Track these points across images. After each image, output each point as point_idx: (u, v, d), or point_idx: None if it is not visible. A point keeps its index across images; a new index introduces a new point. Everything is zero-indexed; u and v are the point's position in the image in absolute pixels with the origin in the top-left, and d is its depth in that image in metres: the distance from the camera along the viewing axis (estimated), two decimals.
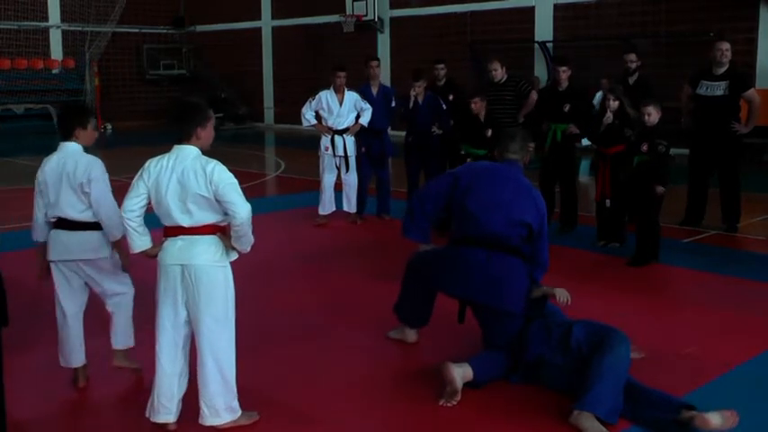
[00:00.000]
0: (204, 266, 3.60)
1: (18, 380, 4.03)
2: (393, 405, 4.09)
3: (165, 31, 24.05)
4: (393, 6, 19.29)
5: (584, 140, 8.21)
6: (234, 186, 3.56)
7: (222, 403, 3.70)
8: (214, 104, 17.80)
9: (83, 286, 4.24)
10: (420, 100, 8.53)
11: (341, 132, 8.47)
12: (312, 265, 7.02)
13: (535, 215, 4.30)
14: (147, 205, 3.68)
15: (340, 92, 8.44)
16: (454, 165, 8.00)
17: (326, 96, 8.46)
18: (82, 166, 4.02)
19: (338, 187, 8.66)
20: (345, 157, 8.52)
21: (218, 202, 3.56)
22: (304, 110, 8.50)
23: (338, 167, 8.60)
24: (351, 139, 8.53)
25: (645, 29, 15.11)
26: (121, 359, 4.37)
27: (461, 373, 4.01)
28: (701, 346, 4.84)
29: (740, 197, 8.05)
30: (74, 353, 4.25)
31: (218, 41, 23.60)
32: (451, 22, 18.11)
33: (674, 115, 8.44)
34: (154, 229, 3.74)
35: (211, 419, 3.71)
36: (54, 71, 21.63)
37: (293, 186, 11.68)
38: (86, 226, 4.06)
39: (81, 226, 4.06)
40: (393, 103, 8.91)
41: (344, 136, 8.47)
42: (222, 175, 3.55)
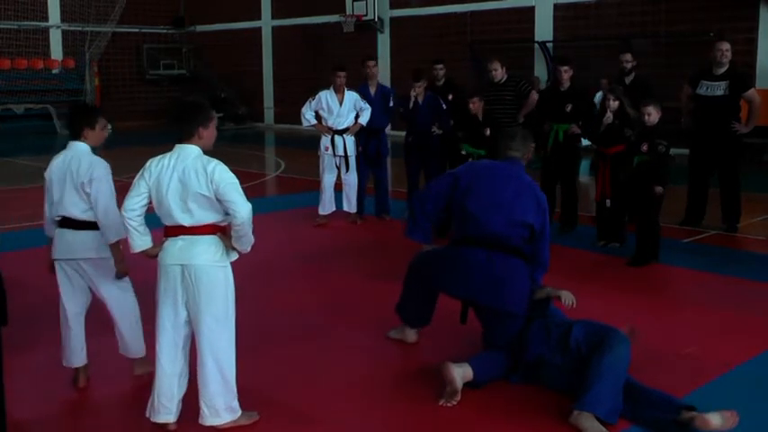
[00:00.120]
0: (204, 266, 3.60)
1: (18, 380, 4.03)
2: (393, 405, 4.09)
3: (165, 31, 24.05)
4: (393, 6, 19.30)
5: (584, 140, 8.20)
6: (235, 186, 3.56)
7: (222, 403, 3.70)
8: (214, 104, 17.79)
9: (85, 287, 4.23)
10: (420, 100, 8.53)
11: (341, 132, 8.47)
12: (312, 265, 7.02)
13: (537, 214, 4.29)
14: (148, 205, 3.68)
15: (340, 92, 8.43)
16: (455, 165, 8.00)
17: (326, 96, 8.45)
18: (85, 165, 4.03)
19: (338, 187, 8.66)
20: (345, 156, 8.52)
21: (219, 201, 3.56)
22: (304, 110, 8.49)
23: (338, 167, 8.60)
24: (351, 139, 8.52)
25: (644, 29, 15.11)
26: (139, 367, 4.34)
27: (461, 373, 4.01)
28: (701, 346, 4.84)
29: (740, 197, 8.05)
30: (75, 353, 4.25)
31: (218, 41, 23.60)
32: (451, 22, 18.11)
33: (674, 115, 8.44)
34: (154, 229, 3.74)
35: (211, 419, 3.71)
36: (54, 71, 21.63)
37: (293, 186, 11.68)
38: (90, 225, 4.06)
39: (85, 225, 4.06)
40: (391, 103, 8.91)
41: (344, 136, 8.47)
42: (223, 175, 3.55)
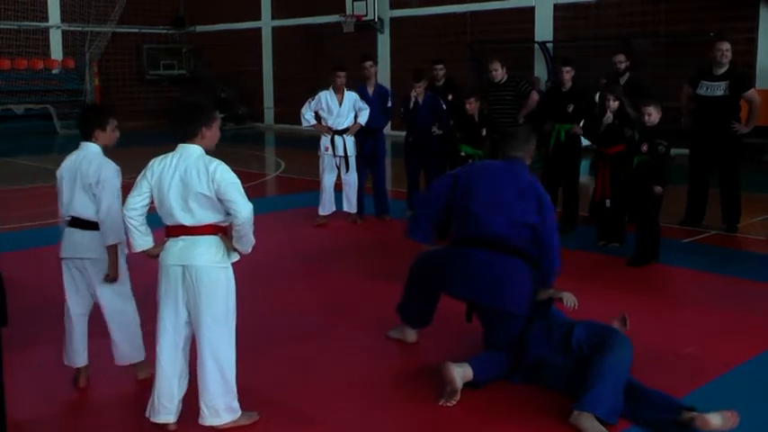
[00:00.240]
0: (205, 267, 3.60)
1: (18, 380, 4.03)
2: (393, 405, 4.09)
3: (165, 31, 24.05)
4: (393, 6, 19.29)
5: (584, 140, 8.20)
6: (236, 186, 3.56)
7: (222, 403, 3.70)
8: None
9: (87, 289, 4.23)
10: (420, 100, 8.54)
11: (341, 132, 8.46)
12: (312, 265, 7.02)
13: (538, 214, 4.23)
14: (150, 204, 3.68)
15: (340, 92, 8.42)
16: (454, 166, 8.00)
17: (326, 97, 8.44)
18: (94, 167, 4.04)
19: (338, 187, 8.66)
20: (345, 157, 8.51)
21: (220, 201, 3.56)
22: (303, 110, 8.48)
23: (338, 167, 8.59)
24: (351, 140, 8.51)
25: (645, 29, 15.11)
26: (141, 371, 4.31)
27: (461, 373, 4.00)
28: (701, 346, 4.84)
29: (740, 197, 8.05)
30: (77, 353, 4.25)
31: (218, 41, 23.60)
32: (451, 22, 18.11)
33: (674, 115, 8.43)
34: (156, 229, 3.74)
35: (211, 419, 3.71)
36: (54, 71, 21.64)
37: (293, 186, 11.67)
38: (98, 226, 4.07)
39: (93, 225, 4.07)
40: (389, 103, 8.90)
41: (344, 136, 8.46)
42: (224, 175, 3.55)
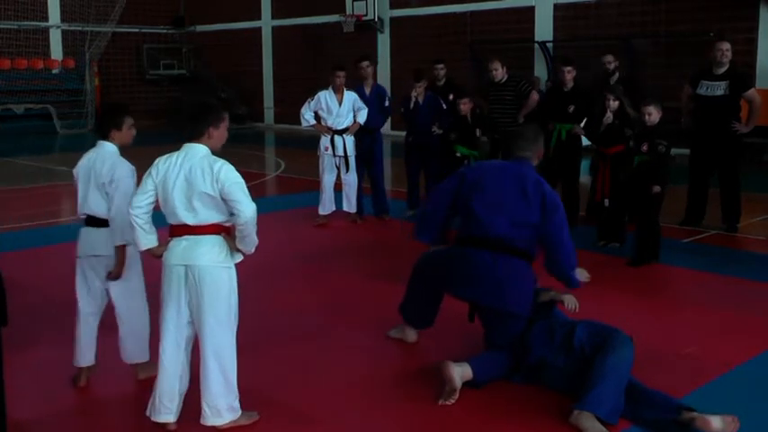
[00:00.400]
0: (208, 267, 3.60)
1: (18, 379, 4.04)
2: (393, 405, 4.09)
3: (165, 31, 24.05)
4: (393, 6, 19.29)
5: (584, 140, 8.20)
6: (240, 186, 3.56)
7: (224, 403, 3.70)
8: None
9: (100, 289, 4.24)
10: (420, 100, 8.54)
11: (340, 132, 8.45)
12: (312, 265, 7.02)
13: (542, 213, 4.20)
14: (155, 203, 3.69)
15: (339, 92, 8.41)
16: (451, 167, 8.01)
17: (326, 96, 8.43)
18: (108, 166, 4.05)
19: (338, 187, 8.65)
20: (345, 157, 8.50)
21: (224, 201, 3.56)
22: (303, 110, 8.47)
23: (338, 167, 8.59)
24: (350, 139, 8.50)
25: (644, 29, 15.11)
26: (143, 371, 4.31)
27: (460, 373, 4.00)
28: (701, 346, 4.84)
29: (740, 197, 8.05)
30: (82, 352, 4.26)
31: (218, 41, 23.60)
32: (451, 22, 18.11)
33: (675, 115, 8.43)
34: (161, 228, 3.74)
35: (213, 419, 3.71)
36: (54, 71, 21.63)
37: (293, 186, 11.67)
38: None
39: (107, 223, 4.08)
40: (386, 103, 8.90)
41: (344, 136, 8.45)
42: (229, 174, 3.55)
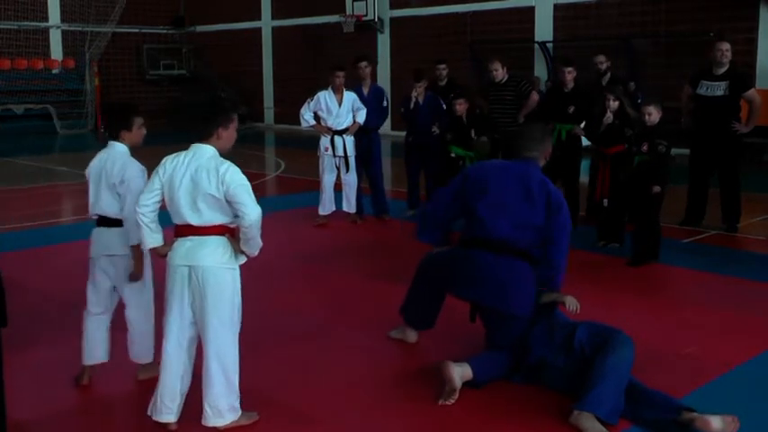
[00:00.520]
0: (211, 268, 3.60)
1: (18, 380, 4.03)
2: (393, 405, 4.09)
3: (165, 31, 24.06)
4: (393, 6, 19.30)
5: (584, 140, 8.19)
6: (245, 188, 3.55)
7: (226, 404, 3.69)
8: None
9: (110, 290, 4.25)
10: (420, 100, 8.55)
11: (340, 133, 8.45)
12: (312, 265, 7.01)
13: (546, 215, 4.19)
14: (162, 201, 3.69)
15: (339, 92, 8.40)
16: (446, 167, 8.02)
17: (325, 97, 8.42)
18: (118, 166, 4.06)
19: (338, 187, 8.65)
20: (345, 157, 8.50)
21: (229, 203, 3.56)
22: (302, 111, 8.47)
23: (338, 167, 8.59)
24: (350, 140, 8.49)
25: (644, 29, 15.11)
26: (143, 372, 4.31)
27: (460, 373, 4.00)
28: (701, 346, 4.84)
29: (740, 197, 8.05)
30: (88, 351, 4.27)
31: (218, 41, 23.61)
32: (451, 22, 18.11)
33: (675, 115, 8.44)
34: (166, 227, 3.75)
35: (215, 420, 3.70)
36: (54, 71, 21.64)
37: (293, 186, 11.67)
38: (123, 223, 4.09)
39: (120, 223, 4.09)
40: (384, 103, 8.90)
41: (344, 136, 8.45)
42: (234, 176, 3.54)
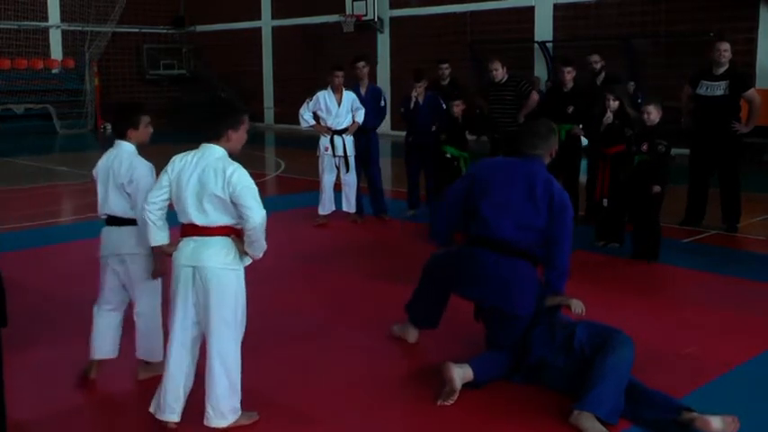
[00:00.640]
0: (215, 269, 3.60)
1: (18, 380, 4.03)
2: (393, 405, 4.09)
3: (165, 31, 24.06)
4: (393, 6, 19.30)
5: (583, 140, 8.19)
6: (251, 191, 3.56)
7: (228, 405, 3.70)
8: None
9: (119, 288, 4.25)
10: (420, 100, 8.55)
11: (340, 132, 8.44)
12: (312, 265, 7.01)
13: (549, 215, 4.17)
14: (169, 200, 3.70)
15: (338, 92, 8.39)
16: (442, 167, 8.02)
17: (324, 97, 8.41)
18: (126, 166, 4.07)
19: (338, 187, 8.65)
20: (345, 157, 8.49)
21: (234, 205, 3.55)
22: (302, 111, 8.46)
23: (338, 167, 8.58)
24: (350, 139, 8.49)
25: (644, 29, 15.11)
26: (144, 372, 4.31)
27: (461, 374, 4.00)
28: (701, 346, 4.84)
29: (740, 197, 8.05)
30: (96, 345, 4.28)
31: (218, 41, 23.60)
32: (451, 21, 18.11)
33: (675, 115, 8.44)
34: (173, 227, 3.75)
35: (216, 421, 3.70)
36: (54, 71, 21.64)
37: (293, 186, 11.67)
38: (132, 222, 4.10)
39: (129, 222, 4.11)
40: (382, 103, 8.90)
41: (344, 136, 8.44)
42: (241, 178, 3.55)
